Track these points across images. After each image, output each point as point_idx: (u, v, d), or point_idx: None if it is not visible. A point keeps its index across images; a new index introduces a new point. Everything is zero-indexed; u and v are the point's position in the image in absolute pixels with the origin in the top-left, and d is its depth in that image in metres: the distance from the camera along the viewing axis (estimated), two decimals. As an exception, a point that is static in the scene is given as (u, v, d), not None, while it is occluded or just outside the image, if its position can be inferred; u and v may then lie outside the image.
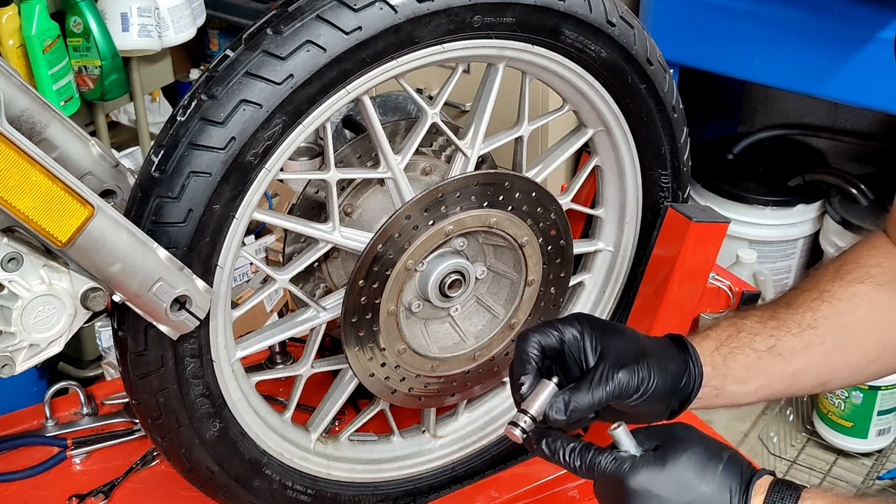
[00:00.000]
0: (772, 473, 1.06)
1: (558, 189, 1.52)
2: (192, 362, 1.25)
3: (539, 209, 1.38)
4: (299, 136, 1.20)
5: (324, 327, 1.39)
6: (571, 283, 1.51)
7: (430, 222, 1.32)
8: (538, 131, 1.45)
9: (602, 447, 1.08)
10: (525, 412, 1.12)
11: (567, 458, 1.09)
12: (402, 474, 1.51)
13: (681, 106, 1.45)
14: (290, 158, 1.24)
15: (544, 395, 1.12)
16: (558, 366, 1.16)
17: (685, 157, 1.49)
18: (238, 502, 1.37)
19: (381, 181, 1.37)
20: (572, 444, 1.09)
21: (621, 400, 1.12)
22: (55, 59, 2.44)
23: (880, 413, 2.68)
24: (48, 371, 2.70)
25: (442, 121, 1.34)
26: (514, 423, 1.11)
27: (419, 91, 1.34)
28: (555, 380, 1.13)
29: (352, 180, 1.38)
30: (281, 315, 1.87)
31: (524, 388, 1.12)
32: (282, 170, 1.24)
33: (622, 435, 1.07)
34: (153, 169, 1.16)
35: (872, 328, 1.26)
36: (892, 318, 1.26)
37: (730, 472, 1.05)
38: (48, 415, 1.67)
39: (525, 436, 1.11)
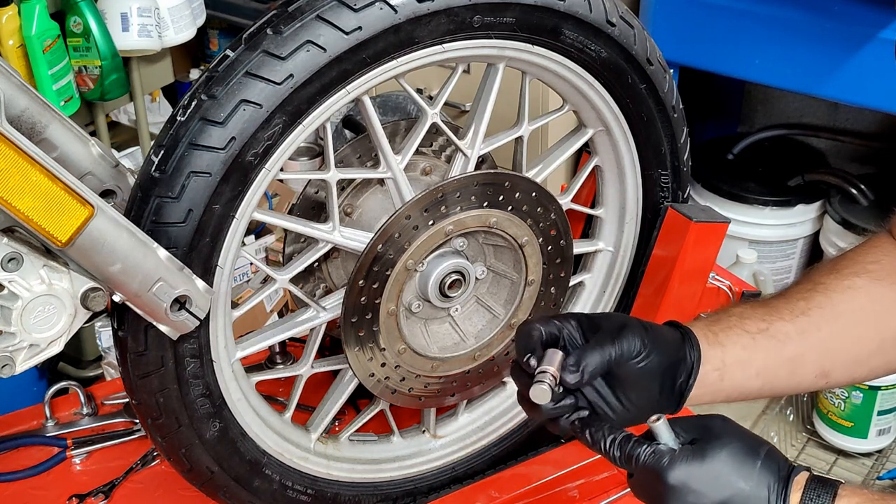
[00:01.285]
0: (808, 469, 1.06)
1: (558, 189, 1.52)
2: (192, 362, 1.25)
3: (539, 209, 1.38)
4: (299, 136, 1.20)
5: (324, 327, 1.39)
6: (571, 283, 1.51)
7: (430, 222, 1.32)
8: (538, 131, 1.45)
9: (642, 438, 1.08)
10: (544, 371, 1.10)
11: (608, 447, 1.08)
12: (402, 474, 1.51)
13: (681, 106, 1.45)
14: (290, 158, 1.24)
15: (556, 359, 1.12)
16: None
17: (685, 157, 1.49)
18: (238, 502, 1.37)
19: (381, 181, 1.37)
20: (613, 435, 1.08)
21: (629, 359, 1.12)
22: (55, 59, 2.44)
23: (880, 413, 2.68)
24: (48, 371, 2.70)
25: (442, 121, 1.34)
26: (539, 382, 1.09)
27: (419, 91, 1.34)
28: (560, 353, 1.13)
29: (352, 180, 1.38)
30: (281, 315, 1.87)
31: (532, 360, 1.12)
32: (282, 170, 1.24)
33: (662, 427, 1.07)
34: (153, 169, 1.16)
35: (869, 318, 1.25)
36: (890, 311, 1.26)
37: (768, 469, 1.04)
38: (48, 415, 1.67)
39: (552, 393, 1.10)
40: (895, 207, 1.31)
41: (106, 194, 1.27)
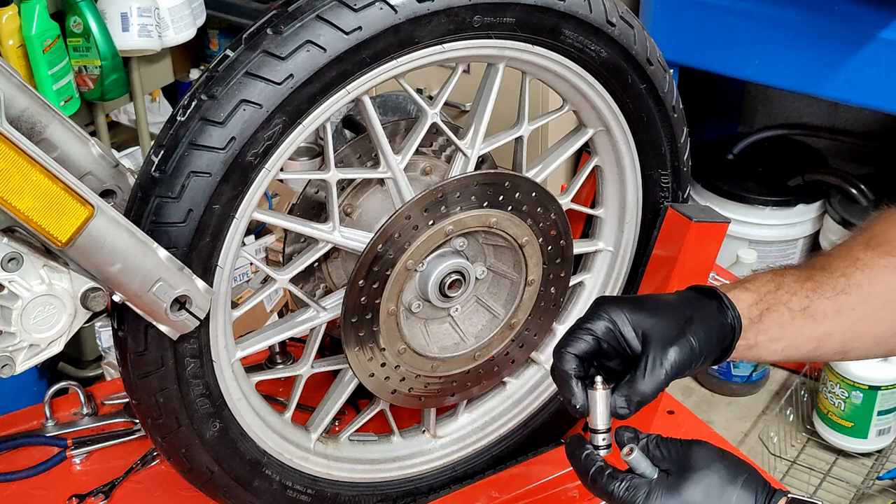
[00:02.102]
0: (786, 494, 1.07)
1: (558, 189, 1.52)
2: (192, 362, 1.25)
3: (539, 209, 1.38)
4: (299, 136, 1.20)
5: (324, 327, 1.39)
6: (571, 283, 1.51)
7: (430, 222, 1.32)
8: (538, 131, 1.45)
9: (619, 470, 1.08)
10: (596, 431, 1.12)
11: (586, 477, 1.10)
12: (402, 474, 1.51)
13: (681, 106, 1.45)
14: (290, 158, 1.24)
15: (602, 405, 1.12)
16: (601, 361, 1.15)
17: (685, 157, 1.49)
18: (238, 502, 1.37)
19: (381, 181, 1.37)
20: (597, 465, 1.09)
21: (677, 378, 1.12)
22: (55, 59, 2.44)
23: (880, 413, 2.68)
24: (48, 371, 2.70)
25: (442, 121, 1.34)
26: (596, 447, 1.11)
27: (419, 91, 1.34)
28: (599, 382, 1.12)
29: (352, 180, 1.38)
30: (281, 315, 1.87)
31: (578, 405, 1.12)
32: (282, 170, 1.24)
33: (638, 460, 1.08)
34: (153, 169, 1.16)
35: None
36: None
37: (744, 500, 1.05)
38: (48, 415, 1.67)
39: (607, 453, 1.11)
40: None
41: (106, 194, 1.27)
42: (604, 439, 1.11)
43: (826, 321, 1.22)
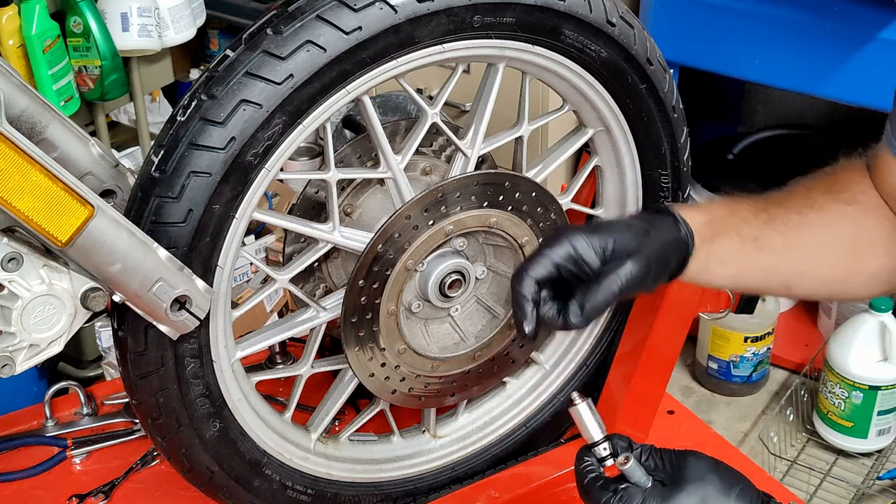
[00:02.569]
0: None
1: (558, 189, 1.52)
2: (192, 362, 1.25)
3: (539, 209, 1.38)
4: (299, 136, 1.20)
5: (324, 327, 1.39)
6: (571, 283, 1.51)
7: (430, 222, 1.32)
8: (538, 131, 1.45)
9: (612, 480, 1.09)
10: (594, 444, 1.13)
11: (581, 487, 1.10)
12: (402, 474, 1.51)
13: (681, 106, 1.45)
14: (290, 158, 1.24)
15: (588, 416, 1.13)
16: (560, 284, 1.14)
17: (685, 157, 1.49)
18: (238, 502, 1.37)
19: (381, 181, 1.37)
20: (590, 476, 1.10)
21: (633, 291, 1.12)
22: (55, 59, 2.44)
23: (880, 413, 2.68)
24: (48, 371, 2.70)
25: (442, 121, 1.34)
26: (600, 459, 1.12)
27: (419, 91, 1.34)
28: (576, 397, 1.13)
29: (352, 180, 1.38)
30: (281, 315, 1.87)
31: (528, 329, 1.12)
32: (282, 170, 1.24)
33: (633, 469, 1.09)
34: (153, 169, 1.16)
35: (849, 248, 1.27)
36: (868, 245, 1.27)
37: None
38: (48, 415, 1.67)
39: (613, 461, 1.12)
40: (873, 144, 1.32)
41: (106, 194, 1.27)
42: (605, 449, 1.12)
43: (774, 254, 1.23)
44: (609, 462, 1.11)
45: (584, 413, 1.13)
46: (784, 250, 1.24)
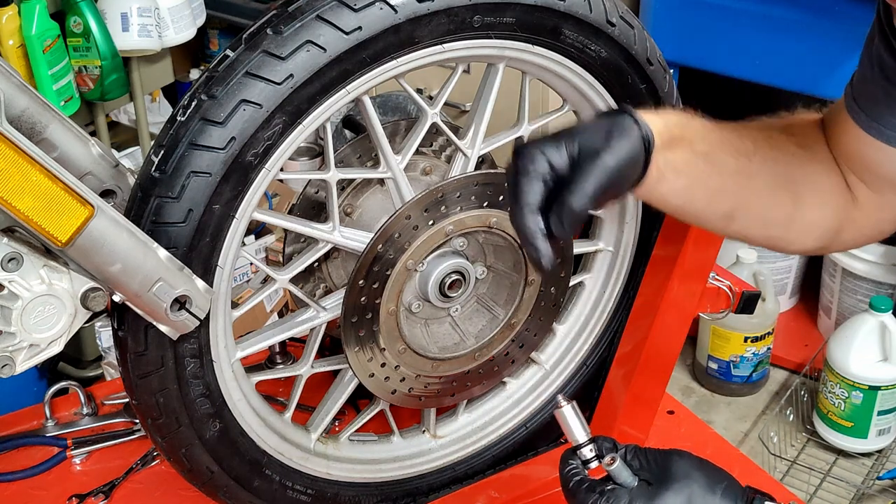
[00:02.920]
0: (771, 499, 1.07)
1: (558, 189, 1.52)
2: (192, 362, 1.25)
3: (539, 209, 1.38)
4: (299, 136, 1.20)
5: (324, 327, 1.39)
6: (571, 283, 1.51)
7: (430, 222, 1.32)
8: (538, 131, 1.45)
9: (598, 481, 1.08)
10: (579, 446, 1.12)
11: (566, 489, 1.10)
12: (402, 474, 1.51)
13: (681, 106, 1.45)
14: (290, 158, 1.24)
15: (573, 419, 1.12)
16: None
17: (685, 157, 1.49)
18: (238, 502, 1.37)
19: (381, 181, 1.37)
20: (575, 478, 1.10)
21: (608, 193, 1.08)
22: (55, 59, 2.44)
23: (880, 413, 2.68)
24: (48, 371, 2.70)
25: (442, 121, 1.34)
26: (585, 461, 1.11)
27: (419, 91, 1.34)
28: (561, 400, 1.13)
29: (352, 180, 1.38)
30: (281, 315, 1.87)
31: (547, 262, 1.06)
32: (282, 170, 1.24)
33: (619, 470, 1.08)
34: (153, 169, 1.16)
35: (793, 190, 1.25)
36: (812, 193, 1.25)
37: None
38: (48, 415, 1.67)
39: (599, 462, 1.11)
40: (828, 101, 1.31)
41: (106, 194, 1.27)
42: (590, 451, 1.11)
43: (723, 176, 1.20)
44: (594, 464, 1.11)
45: (569, 416, 1.12)
46: (734, 175, 1.21)
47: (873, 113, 1.20)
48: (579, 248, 1.50)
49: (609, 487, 1.07)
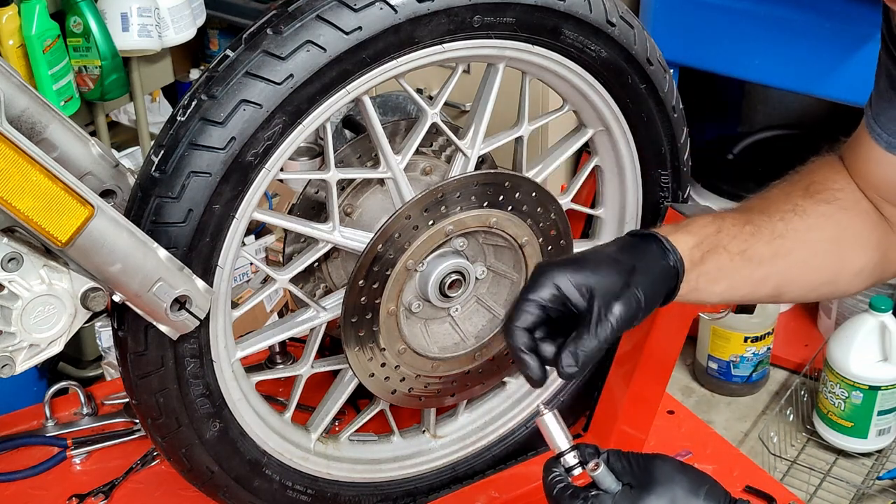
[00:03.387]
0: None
1: (558, 189, 1.52)
2: (192, 362, 1.25)
3: (539, 209, 1.38)
4: (299, 136, 1.20)
5: (324, 327, 1.39)
6: (571, 283, 1.51)
7: (430, 222, 1.32)
8: (538, 131, 1.45)
9: (580, 488, 1.08)
10: (561, 453, 1.11)
11: (552, 497, 1.10)
12: (402, 474, 1.51)
13: (681, 106, 1.45)
14: (290, 158, 1.24)
15: (554, 426, 1.12)
16: (550, 328, 1.13)
17: (685, 157, 1.49)
18: (238, 502, 1.37)
19: (381, 181, 1.37)
20: (558, 486, 1.09)
21: (624, 330, 1.11)
22: (55, 59, 2.44)
23: (880, 413, 2.68)
24: (48, 371, 2.70)
25: (442, 121, 1.34)
26: (568, 469, 1.11)
27: (419, 91, 1.34)
28: (542, 407, 1.12)
29: (352, 180, 1.38)
30: (281, 315, 1.87)
31: (536, 378, 1.11)
32: (282, 170, 1.24)
33: (603, 475, 1.08)
34: (153, 169, 1.16)
35: (834, 249, 1.27)
36: (851, 243, 1.28)
37: None
38: (48, 415, 1.67)
39: (582, 469, 1.11)
40: (843, 138, 1.33)
41: (106, 194, 1.27)
42: (573, 458, 1.11)
43: (763, 265, 1.23)
44: (577, 471, 1.10)
45: (551, 424, 1.11)
46: (772, 259, 1.23)
47: (892, 130, 1.21)
48: (579, 248, 1.50)
49: (593, 493, 1.07)
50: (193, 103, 1.15)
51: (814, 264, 1.27)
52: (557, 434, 1.11)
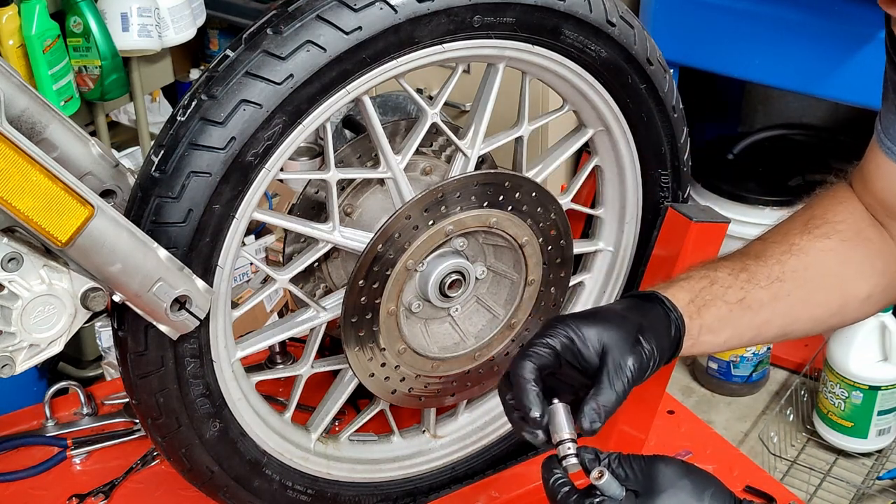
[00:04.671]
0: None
1: (558, 189, 1.52)
2: (192, 362, 1.25)
3: (539, 209, 1.38)
4: (299, 136, 1.20)
5: (324, 327, 1.39)
6: (571, 284, 1.51)
7: (430, 222, 1.32)
8: (538, 131, 1.45)
9: (585, 495, 1.08)
10: (562, 441, 1.11)
11: (555, 500, 1.10)
12: (402, 474, 1.51)
13: (681, 106, 1.45)
14: (290, 158, 1.24)
15: (564, 416, 1.11)
16: (554, 378, 1.15)
17: (685, 157, 1.49)
18: (238, 502, 1.37)
19: (381, 181, 1.37)
20: (563, 491, 1.09)
21: (638, 383, 1.13)
22: (55, 59, 2.44)
23: (880, 413, 2.68)
24: (48, 371, 2.70)
25: (442, 121, 1.34)
26: (564, 458, 1.10)
27: (419, 91, 1.34)
28: (555, 400, 1.12)
29: (352, 180, 1.38)
30: (281, 315, 1.87)
31: (538, 415, 1.11)
32: (282, 170, 1.24)
33: (609, 483, 1.08)
34: (153, 169, 1.16)
35: (836, 283, 1.28)
36: (855, 273, 1.29)
37: None
38: (48, 415, 1.67)
39: (580, 461, 1.10)
40: (855, 162, 1.33)
41: (106, 194, 1.27)
42: (569, 448, 1.10)
43: (763, 309, 1.24)
44: (573, 461, 1.10)
45: (560, 412, 1.11)
46: (772, 302, 1.24)
47: None
48: (579, 248, 1.50)
49: (598, 500, 1.07)
50: (193, 103, 1.15)
51: (816, 300, 1.28)
52: (566, 422, 1.11)
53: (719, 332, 1.23)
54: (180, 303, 1.17)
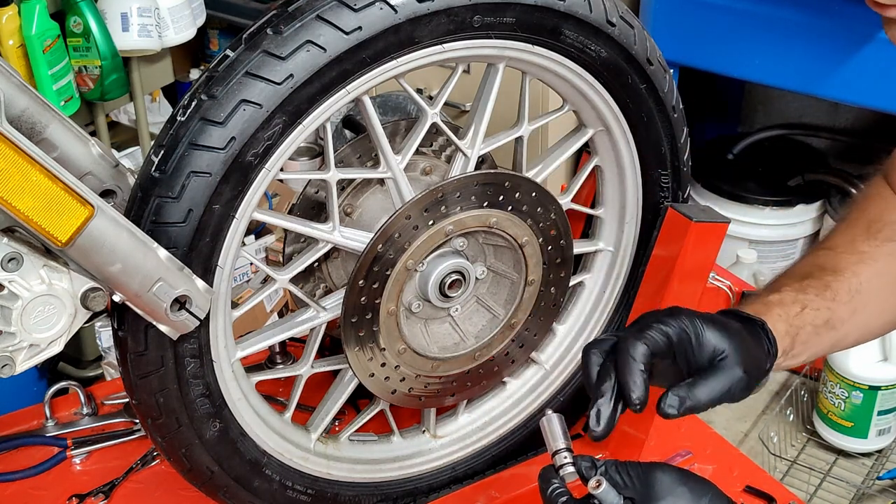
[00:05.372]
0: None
1: (558, 189, 1.52)
2: (192, 362, 1.25)
3: (539, 209, 1.38)
4: (299, 136, 1.20)
5: (324, 327, 1.39)
6: (571, 283, 1.51)
7: (430, 222, 1.32)
8: (538, 131, 1.45)
9: (584, 502, 1.08)
10: (559, 451, 1.11)
11: None
12: (402, 474, 1.51)
13: (681, 106, 1.45)
14: (290, 158, 1.24)
15: (559, 426, 1.12)
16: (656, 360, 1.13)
17: (685, 157, 1.49)
18: (238, 502, 1.37)
19: (381, 181, 1.37)
20: (563, 499, 1.09)
21: (722, 402, 1.11)
22: (55, 59, 2.44)
23: (880, 413, 2.68)
24: (48, 371, 2.70)
25: (442, 121, 1.34)
26: (561, 467, 1.10)
27: (419, 91, 1.34)
28: (548, 410, 1.12)
29: (352, 180, 1.38)
30: (281, 315, 1.87)
31: (640, 397, 1.07)
32: (282, 170, 1.24)
33: (607, 492, 1.07)
34: (153, 169, 1.16)
35: None
36: None
37: None
38: (48, 415, 1.67)
39: (577, 469, 1.10)
40: (891, 149, 1.34)
41: (106, 194, 1.27)
42: (565, 457, 1.10)
43: (844, 326, 1.26)
44: (570, 469, 1.10)
45: (555, 421, 1.11)
46: (852, 317, 1.25)
47: None
48: (579, 248, 1.50)
49: None
50: (193, 103, 1.15)
51: (888, 306, 1.29)
52: (560, 432, 1.11)
53: (800, 356, 1.23)
54: (180, 303, 1.17)
